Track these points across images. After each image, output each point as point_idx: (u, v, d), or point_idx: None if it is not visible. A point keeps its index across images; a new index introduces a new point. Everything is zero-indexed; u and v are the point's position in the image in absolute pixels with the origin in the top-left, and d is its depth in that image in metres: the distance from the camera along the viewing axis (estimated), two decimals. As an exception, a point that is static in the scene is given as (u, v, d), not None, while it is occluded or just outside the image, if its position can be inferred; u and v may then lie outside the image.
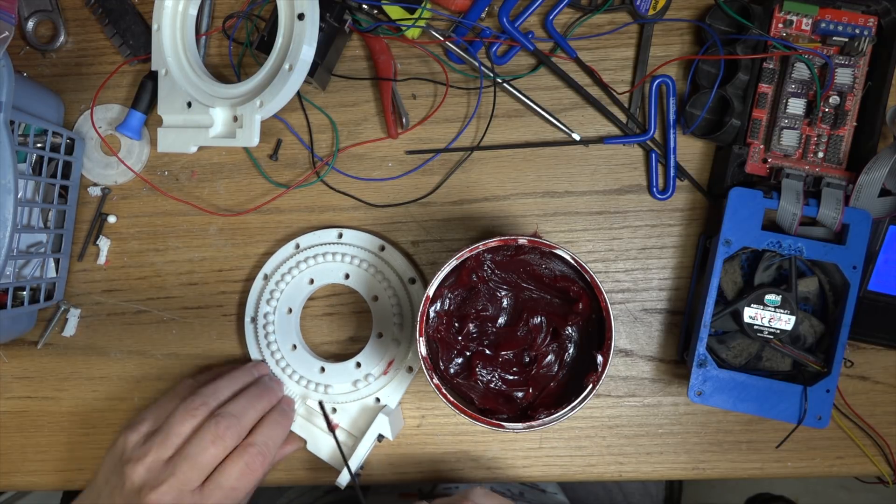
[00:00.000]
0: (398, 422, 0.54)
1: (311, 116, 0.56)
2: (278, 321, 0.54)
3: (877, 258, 0.51)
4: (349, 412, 0.54)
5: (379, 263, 0.54)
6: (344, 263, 0.54)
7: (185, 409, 0.47)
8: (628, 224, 0.55)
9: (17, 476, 0.58)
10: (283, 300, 0.54)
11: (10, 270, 0.52)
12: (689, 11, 0.54)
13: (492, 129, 0.55)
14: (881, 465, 0.53)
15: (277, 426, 0.50)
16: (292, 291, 0.54)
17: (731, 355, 0.50)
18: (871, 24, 0.50)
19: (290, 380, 0.54)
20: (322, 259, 0.54)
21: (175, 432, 0.46)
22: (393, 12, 0.52)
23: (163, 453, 0.46)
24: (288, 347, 0.54)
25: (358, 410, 0.54)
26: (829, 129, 0.51)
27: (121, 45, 0.56)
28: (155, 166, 0.57)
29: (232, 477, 0.46)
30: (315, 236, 0.55)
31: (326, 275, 0.54)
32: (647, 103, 0.54)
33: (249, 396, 0.49)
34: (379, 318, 0.54)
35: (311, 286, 0.54)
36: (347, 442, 0.54)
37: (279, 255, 0.55)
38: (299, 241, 0.55)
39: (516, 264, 0.48)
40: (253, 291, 0.55)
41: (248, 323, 0.55)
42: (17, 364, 0.58)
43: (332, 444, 0.54)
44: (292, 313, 0.55)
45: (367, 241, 0.54)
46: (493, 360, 0.48)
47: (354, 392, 0.54)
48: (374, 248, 0.54)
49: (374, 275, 0.53)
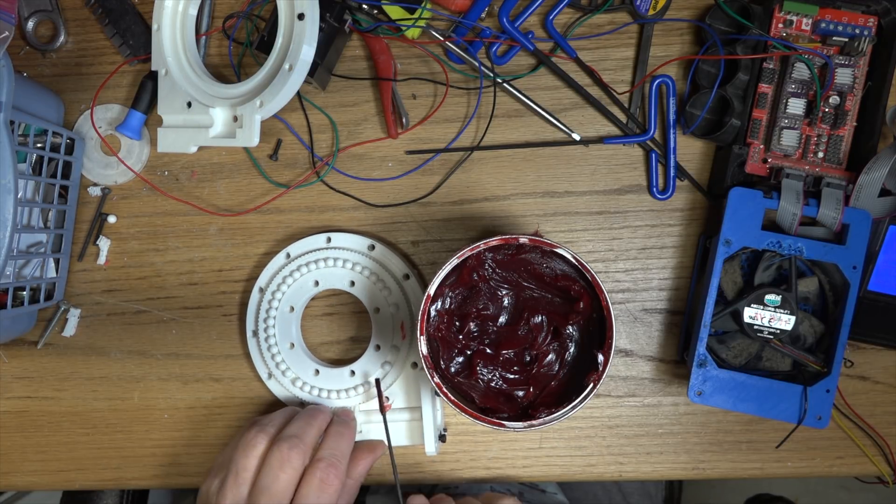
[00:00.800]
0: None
1: (311, 116, 0.56)
2: (279, 318, 0.54)
3: (877, 258, 0.51)
4: (399, 389, 0.54)
5: (379, 270, 0.53)
6: (346, 270, 0.54)
7: (244, 443, 0.47)
8: (628, 224, 0.55)
9: (17, 476, 0.58)
10: (284, 300, 0.54)
11: (10, 270, 0.52)
12: (689, 11, 0.54)
13: (492, 129, 0.55)
14: (881, 465, 0.53)
15: (341, 437, 0.49)
16: (296, 291, 0.54)
17: (731, 355, 0.50)
18: (871, 24, 0.50)
19: (284, 378, 0.54)
20: (324, 265, 0.54)
21: (242, 467, 0.46)
22: (393, 12, 0.52)
23: (239, 492, 0.45)
24: (286, 346, 0.54)
25: (405, 383, 0.54)
26: (829, 129, 0.51)
27: (121, 45, 0.57)
28: (155, 166, 0.57)
29: (311, 496, 0.45)
30: (304, 244, 0.55)
31: (331, 279, 0.54)
32: (647, 103, 0.54)
33: (304, 416, 0.49)
34: (378, 330, 0.54)
35: (315, 288, 0.54)
36: (414, 417, 0.54)
37: (271, 266, 0.55)
38: (290, 250, 0.55)
39: (517, 263, 0.48)
40: (251, 305, 0.55)
41: (250, 337, 0.55)
42: (17, 364, 0.58)
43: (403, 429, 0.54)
44: (294, 312, 0.55)
45: (356, 242, 0.54)
46: (493, 359, 0.48)
47: (346, 399, 0.54)
48: (363, 248, 0.54)
49: (376, 283, 0.54)
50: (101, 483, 0.58)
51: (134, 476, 0.57)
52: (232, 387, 0.57)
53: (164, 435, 0.57)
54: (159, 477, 0.57)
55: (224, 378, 0.57)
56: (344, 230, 0.55)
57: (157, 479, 0.57)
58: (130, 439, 0.57)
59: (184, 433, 0.57)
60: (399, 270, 0.54)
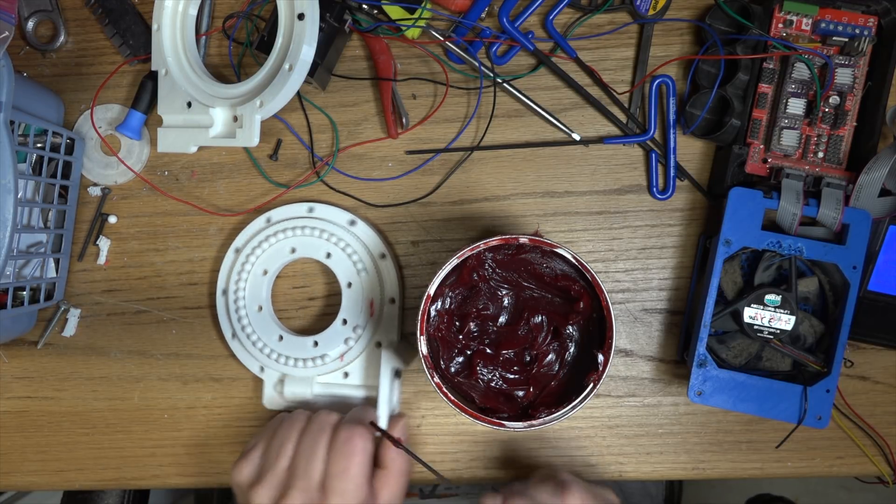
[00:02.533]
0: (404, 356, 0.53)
1: (311, 116, 0.56)
2: (251, 280, 0.54)
3: (877, 258, 0.51)
4: (357, 368, 0.54)
5: (354, 242, 0.54)
6: (322, 240, 0.54)
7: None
8: (628, 224, 0.55)
9: (17, 476, 0.58)
10: (259, 263, 0.54)
11: (10, 270, 0.52)
12: (689, 11, 0.54)
13: (492, 129, 0.55)
14: (881, 465, 0.53)
15: (357, 410, 0.49)
16: (271, 256, 0.54)
17: (731, 355, 0.50)
18: (871, 24, 0.50)
19: (248, 342, 0.54)
20: (301, 232, 0.54)
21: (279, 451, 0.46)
22: (393, 12, 0.52)
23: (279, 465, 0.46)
24: (255, 308, 0.55)
25: (364, 363, 0.54)
26: (829, 129, 0.51)
27: (121, 45, 0.57)
28: (155, 166, 0.57)
29: (340, 460, 0.45)
30: (285, 211, 0.55)
31: (308, 248, 0.54)
32: (647, 103, 0.54)
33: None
34: (348, 305, 0.54)
35: (291, 255, 0.54)
36: (372, 395, 0.54)
37: (251, 227, 0.55)
38: (270, 216, 0.55)
39: (517, 263, 0.48)
40: (224, 265, 0.55)
41: (219, 296, 0.55)
42: (17, 364, 0.58)
43: (359, 399, 0.54)
44: (267, 275, 0.55)
45: (337, 215, 0.54)
46: (493, 359, 0.48)
47: (304, 370, 0.54)
48: (343, 222, 0.54)
49: (351, 256, 0.54)
50: (101, 483, 0.58)
51: (134, 476, 0.57)
52: (232, 386, 0.57)
53: (164, 435, 0.57)
54: (159, 477, 0.57)
55: (224, 378, 0.57)
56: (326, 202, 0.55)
57: (157, 479, 0.57)
58: (130, 439, 0.57)
59: (184, 433, 0.57)
60: (376, 249, 0.54)
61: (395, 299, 0.54)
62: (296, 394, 0.54)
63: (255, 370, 0.55)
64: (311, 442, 0.45)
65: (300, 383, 0.54)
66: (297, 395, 0.54)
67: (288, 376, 0.54)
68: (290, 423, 0.48)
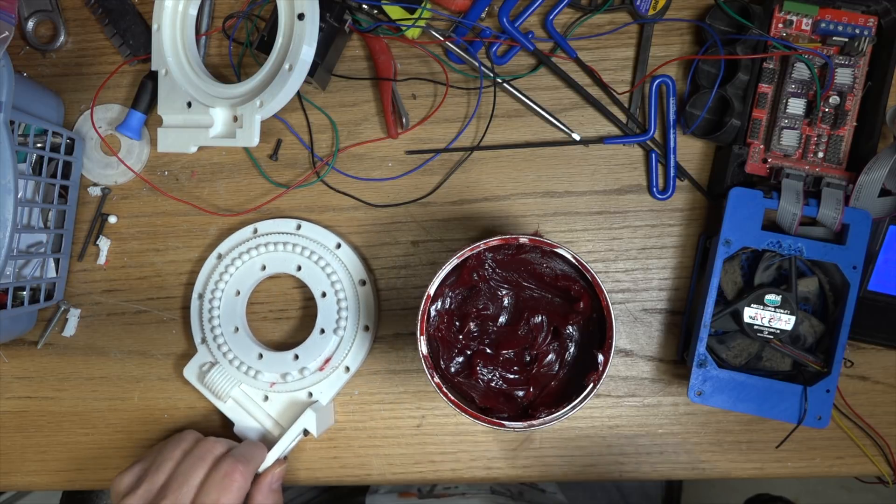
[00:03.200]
0: (327, 419, 0.54)
1: (311, 116, 0.56)
2: (225, 302, 0.54)
3: (877, 258, 0.51)
4: (280, 402, 0.55)
5: (333, 260, 0.54)
6: (296, 255, 0.54)
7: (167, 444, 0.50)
8: (628, 224, 0.55)
9: (17, 476, 0.58)
10: (231, 283, 0.54)
11: (10, 270, 0.52)
12: (689, 11, 0.54)
13: (492, 129, 0.55)
14: (881, 465, 0.53)
15: (255, 445, 0.51)
16: (243, 274, 0.55)
17: (731, 355, 0.50)
18: (871, 24, 0.50)
19: (226, 362, 0.54)
20: (277, 248, 0.54)
21: (164, 460, 0.49)
22: (393, 12, 0.52)
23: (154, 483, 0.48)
24: (231, 329, 0.55)
25: (288, 402, 0.54)
26: (829, 129, 0.51)
27: (121, 45, 0.57)
28: (155, 166, 0.57)
29: (213, 490, 0.47)
30: (274, 224, 0.55)
31: (280, 263, 0.54)
32: (647, 103, 0.54)
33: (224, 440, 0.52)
34: (324, 315, 0.54)
35: (262, 272, 0.54)
36: (273, 431, 0.54)
37: (236, 236, 0.55)
38: (258, 227, 0.55)
39: (517, 263, 0.48)
40: (205, 268, 0.55)
41: (194, 299, 0.55)
42: (17, 364, 0.58)
43: (259, 430, 0.55)
44: (240, 296, 0.55)
45: (323, 235, 0.54)
46: (493, 359, 0.48)
47: (287, 384, 0.54)
48: (330, 244, 0.54)
49: (325, 267, 0.54)
50: (101, 483, 0.58)
51: (134, 476, 0.57)
52: (232, 387, 0.57)
53: (164, 435, 0.57)
54: (159, 477, 0.57)
55: (224, 378, 0.57)
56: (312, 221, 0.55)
57: (157, 479, 0.57)
58: (130, 439, 0.57)
59: (184, 433, 0.57)
60: (357, 275, 0.54)
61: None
62: (214, 385, 0.54)
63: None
64: (190, 466, 0.48)
65: (226, 379, 0.53)
66: (215, 387, 0.54)
67: (219, 365, 0.54)
68: (177, 443, 0.50)
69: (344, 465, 0.56)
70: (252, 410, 0.55)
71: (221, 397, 0.54)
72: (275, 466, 0.51)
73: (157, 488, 0.47)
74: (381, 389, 0.56)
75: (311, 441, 0.55)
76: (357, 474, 0.56)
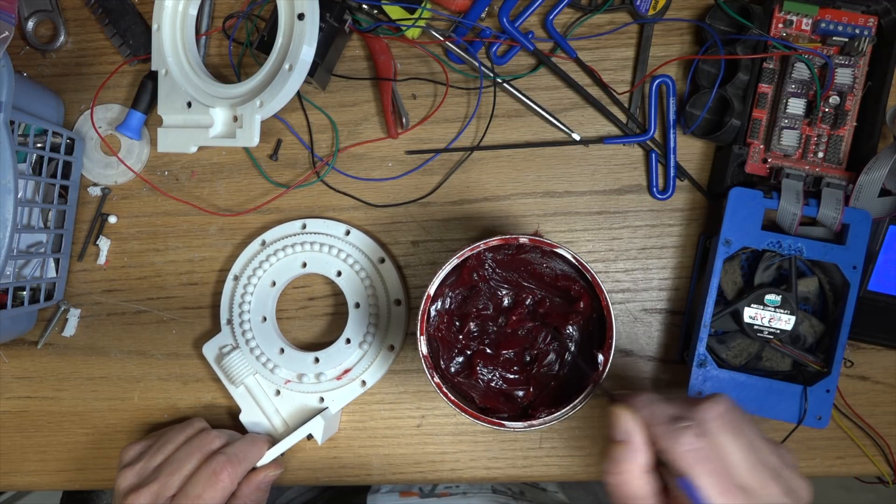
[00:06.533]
0: (332, 427, 0.54)
1: (311, 116, 0.56)
2: (259, 290, 0.55)
3: (877, 258, 0.51)
4: (291, 401, 0.55)
5: (374, 274, 0.54)
6: (339, 260, 0.54)
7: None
8: (628, 224, 0.55)
9: (17, 476, 0.58)
10: (270, 272, 0.55)
11: (10, 270, 0.52)
12: (689, 11, 0.54)
13: (492, 129, 0.55)
14: (881, 465, 0.53)
15: (252, 443, 0.52)
16: (283, 267, 0.54)
17: (731, 355, 0.50)
18: (871, 24, 0.50)
19: (248, 349, 0.54)
20: (322, 249, 0.54)
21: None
22: (393, 12, 0.52)
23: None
24: (259, 318, 0.55)
25: (298, 402, 0.54)
26: (829, 129, 0.51)
27: (121, 45, 0.57)
28: (155, 166, 0.57)
29: (198, 485, 0.48)
30: (324, 224, 0.55)
31: (321, 265, 0.54)
32: (647, 103, 0.54)
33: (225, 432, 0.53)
34: (353, 326, 0.54)
35: (302, 269, 0.54)
36: (278, 428, 0.54)
37: (283, 228, 0.55)
38: (307, 223, 0.55)
39: (517, 263, 0.48)
40: (246, 252, 0.55)
41: (229, 279, 0.55)
42: (17, 364, 0.58)
43: (264, 423, 0.55)
44: (275, 287, 0.55)
45: (370, 247, 0.54)
46: (493, 359, 0.48)
47: (302, 384, 0.54)
48: (374, 257, 0.54)
49: (364, 279, 0.54)
50: (101, 483, 0.58)
51: (134, 476, 0.57)
52: (232, 387, 0.57)
53: (164, 435, 0.57)
54: (159, 477, 0.57)
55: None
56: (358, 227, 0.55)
57: (157, 479, 0.57)
58: (130, 439, 0.57)
59: (184, 433, 0.57)
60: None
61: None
62: (231, 368, 0.53)
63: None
64: (186, 455, 0.49)
65: (243, 365, 0.53)
66: (230, 371, 0.53)
67: (239, 350, 0.54)
68: (182, 429, 0.52)
69: (344, 465, 0.56)
70: (262, 402, 0.54)
71: (234, 382, 0.54)
72: (270, 467, 0.52)
73: (152, 468, 0.49)
74: (381, 389, 0.56)
75: (312, 441, 0.55)
76: (357, 474, 0.56)
